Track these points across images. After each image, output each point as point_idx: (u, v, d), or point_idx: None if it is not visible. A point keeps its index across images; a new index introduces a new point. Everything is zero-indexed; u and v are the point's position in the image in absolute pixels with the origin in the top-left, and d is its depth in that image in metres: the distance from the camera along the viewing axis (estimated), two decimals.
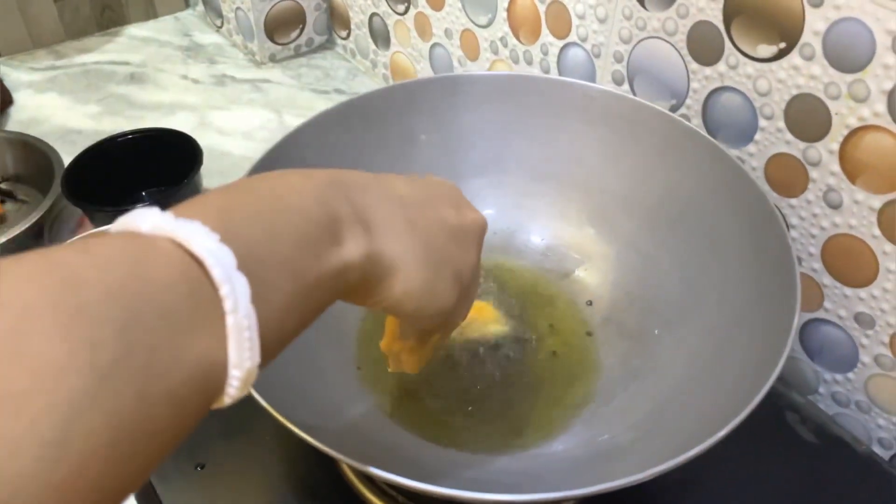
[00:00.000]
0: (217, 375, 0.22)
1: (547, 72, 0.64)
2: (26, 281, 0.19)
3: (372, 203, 0.30)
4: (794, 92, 0.46)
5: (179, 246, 0.22)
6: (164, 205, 0.67)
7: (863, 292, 0.47)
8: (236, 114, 0.84)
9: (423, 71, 0.80)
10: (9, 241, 0.61)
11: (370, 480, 0.44)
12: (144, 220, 0.23)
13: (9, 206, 0.70)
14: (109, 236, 0.22)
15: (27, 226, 0.61)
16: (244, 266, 0.23)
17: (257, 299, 0.23)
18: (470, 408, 0.46)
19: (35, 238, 0.66)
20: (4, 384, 0.17)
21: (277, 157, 0.48)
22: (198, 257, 0.22)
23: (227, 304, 0.22)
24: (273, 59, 0.93)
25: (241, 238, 0.23)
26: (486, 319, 0.50)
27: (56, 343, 0.18)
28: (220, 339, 0.22)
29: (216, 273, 0.22)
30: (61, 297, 0.19)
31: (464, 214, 0.35)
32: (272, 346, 0.25)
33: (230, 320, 0.22)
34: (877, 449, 0.50)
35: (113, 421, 0.19)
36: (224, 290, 0.22)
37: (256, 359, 0.23)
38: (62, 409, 0.17)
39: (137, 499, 0.45)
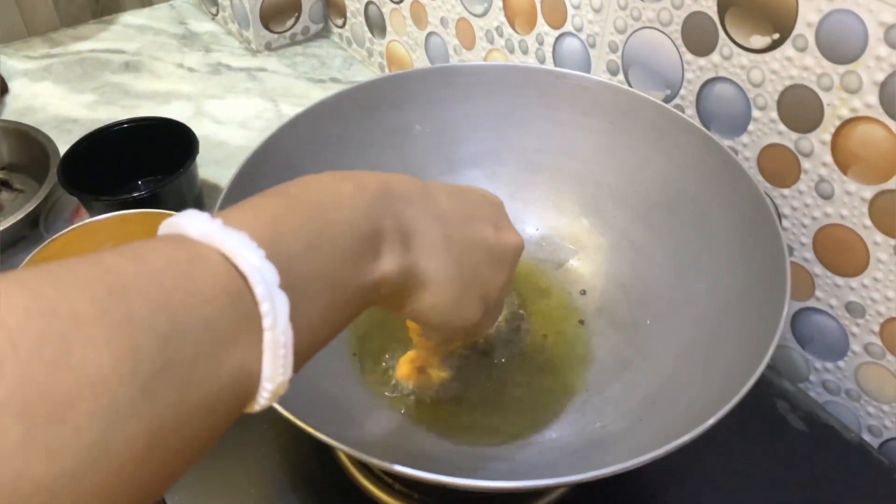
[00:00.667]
0: (250, 386, 0.23)
1: (542, 61, 0.64)
2: (77, 289, 0.19)
3: (415, 217, 0.31)
4: (788, 83, 0.46)
5: (225, 258, 0.22)
6: (161, 193, 0.67)
7: (854, 282, 0.48)
8: (232, 103, 0.84)
9: (419, 60, 0.80)
10: (5, 230, 0.61)
11: (365, 467, 0.45)
12: (193, 225, 0.23)
13: (4, 196, 0.70)
14: (159, 242, 0.23)
15: (23, 215, 0.62)
16: (286, 282, 0.23)
17: (295, 314, 0.23)
18: (463, 396, 0.46)
19: (31, 227, 0.66)
20: (52, 390, 0.17)
21: (273, 147, 0.48)
22: (242, 272, 0.22)
23: (267, 322, 0.22)
24: (269, 47, 0.93)
25: (285, 253, 0.24)
26: None
27: (102, 352, 0.18)
28: (257, 353, 0.23)
29: (259, 290, 0.22)
30: (109, 306, 0.19)
31: (501, 236, 0.36)
32: (304, 356, 0.25)
33: (268, 336, 0.22)
34: (866, 437, 0.51)
35: (151, 429, 0.19)
36: (265, 308, 0.22)
37: (289, 373, 0.24)
38: (104, 417, 0.18)
39: None
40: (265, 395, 0.23)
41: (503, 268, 0.36)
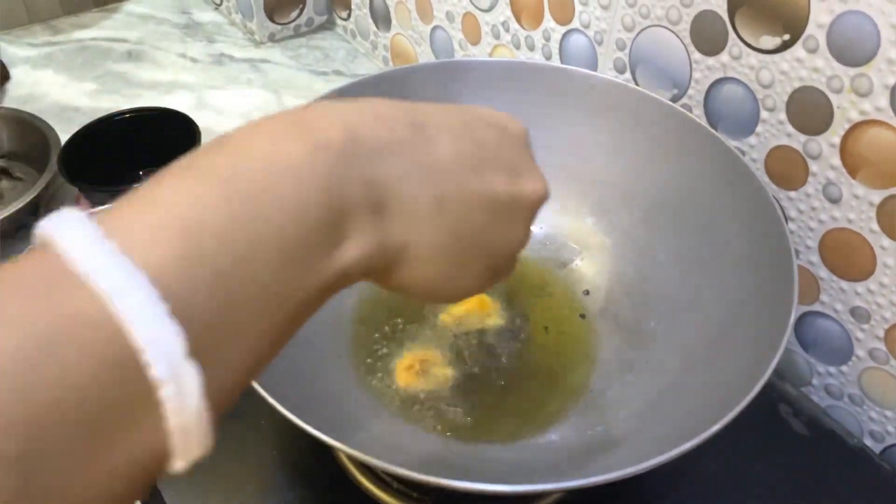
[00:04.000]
0: (157, 461, 0.18)
1: (548, 58, 0.63)
2: None
3: (394, 175, 0.24)
4: (797, 84, 0.45)
5: (109, 315, 0.16)
6: None
7: (859, 286, 0.47)
8: (234, 94, 0.83)
9: (424, 54, 0.79)
10: (4, 218, 0.60)
11: (364, 466, 0.44)
12: (74, 242, 0.17)
13: (4, 184, 0.70)
14: (22, 284, 0.17)
15: (23, 204, 0.61)
16: (198, 340, 0.17)
17: (213, 378, 0.18)
18: (465, 397, 0.46)
19: (31, 216, 0.65)
20: None
21: None
22: (133, 345, 0.17)
23: (170, 406, 0.17)
24: (272, 38, 0.92)
25: (199, 285, 0.18)
26: (483, 310, 0.50)
27: None
28: (160, 435, 0.18)
29: (157, 371, 0.17)
30: None
31: (518, 185, 0.28)
32: (232, 400, 0.20)
33: (174, 421, 0.17)
34: (868, 442, 0.51)
35: None
36: (167, 391, 0.17)
37: (208, 444, 0.19)
38: None
39: None
40: (179, 466, 0.19)
41: (517, 223, 0.29)
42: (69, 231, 0.17)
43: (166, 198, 0.19)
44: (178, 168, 0.21)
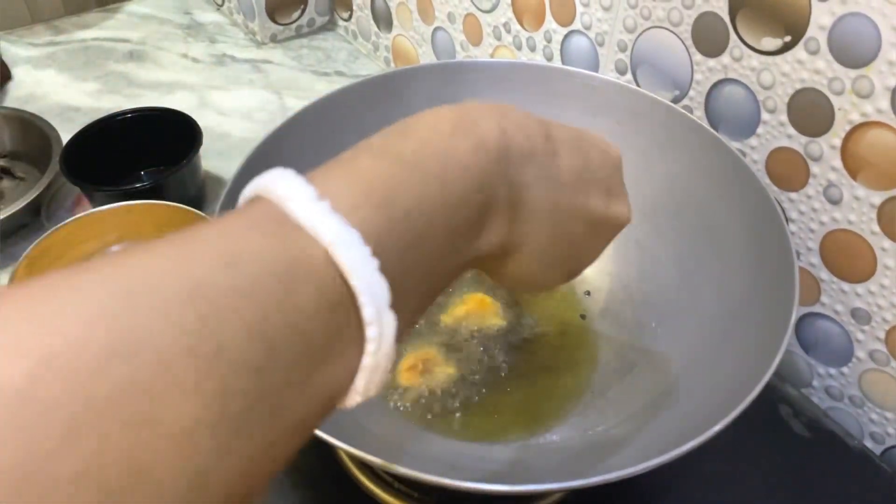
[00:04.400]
0: (339, 398, 0.21)
1: (550, 59, 0.63)
2: (163, 318, 0.16)
3: (529, 182, 0.27)
4: (798, 86, 0.45)
5: (331, 261, 0.19)
6: (163, 185, 0.66)
7: (860, 288, 0.47)
8: (236, 94, 0.84)
9: (425, 55, 0.79)
10: (5, 218, 0.60)
11: (365, 466, 0.44)
12: (295, 202, 0.20)
13: (6, 184, 0.70)
14: (254, 230, 0.19)
15: (24, 203, 0.61)
16: (394, 293, 0.20)
17: (401, 314, 0.21)
18: (465, 397, 0.46)
19: (32, 216, 0.65)
20: (132, 453, 0.15)
21: (278, 141, 0.48)
22: (351, 287, 0.19)
23: (370, 346, 0.20)
24: (274, 39, 0.92)
25: (395, 249, 0.21)
26: (485, 311, 0.50)
27: (188, 400, 0.16)
28: (351, 371, 0.20)
29: (367, 313, 0.20)
30: (199, 340, 0.16)
31: (610, 207, 0.31)
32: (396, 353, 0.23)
33: (367, 360, 0.20)
34: (868, 443, 0.51)
35: (236, 473, 0.17)
36: (370, 332, 0.20)
37: (381, 389, 0.22)
38: (186, 477, 0.16)
39: None
40: (351, 405, 0.22)
41: (601, 239, 0.33)
42: (288, 188, 0.20)
43: (365, 172, 0.22)
44: (371, 148, 0.24)
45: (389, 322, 0.20)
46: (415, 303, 0.23)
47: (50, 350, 0.15)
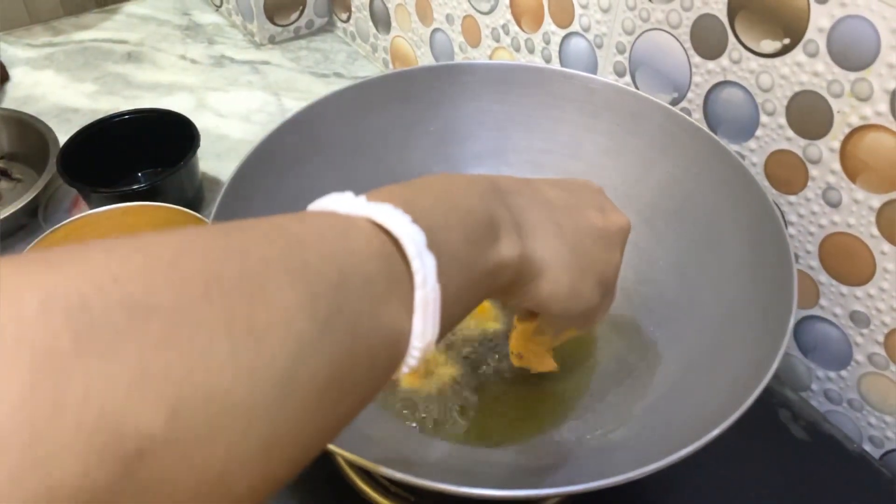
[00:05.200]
0: (401, 344, 0.24)
1: (548, 61, 0.63)
2: (261, 237, 0.21)
3: (524, 207, 0.32)
4: (797, 89, 0.45)
5: (375, 224, 0.24)
6: (160, 186, 0.67)
7: (859, 291, 0.47)
8: (234, 96, 0.83)
9: (424, 56, 0.79)
10: (3, 219, 0.60)
11: (363, 471, 0.44)
12: (340, 203, 0.25)
13: (3, 185, 0.70)
14: (311, 214, 0.24)
15: (21, 205, 0.61)
16: (431, 244, 0.24)
17: (440, 277, 0.25)
18: (463, 402, 0.46)
19: (29, 217, 0.65)
20: (252, 319, 0.19)
21: (276, 143, 0.47)
22: (393, 235, 0.24)
23: (418, 279, 0.24)
24: (272, 40, 0.92)
25: (425, 224, 0.25)
26: (484, 316, 0.50)
27: (287, 291, 0.20)
28: (408, 311, 0.24)
29: (410, 249, 0.24)
30: (288, 254, 0.21)
31: (608, 218, 0.36)
32: (442, 330, 0.26)
33: (418, 294, 0.24)
34: (867, 447, 0.51)
35: (329, 365, 0.20)
36: (416, 265, 0.24)
37: (436, 333, 0.25)
38: (293, 348, 0.19)
39: None
40: (414, 355, 0.24)
41: (614, 248, 0.36)
42: (329, 199, 0.26)
43: (390, 189, 0.27)
44: (399, 183, 0.29)
45: (430, 260, 0.24)
46: (453, 288, 0.26)
47: (191, 240, 0.20)
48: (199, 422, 0.17)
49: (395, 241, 0.24)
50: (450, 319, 0.26)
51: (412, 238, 0.24)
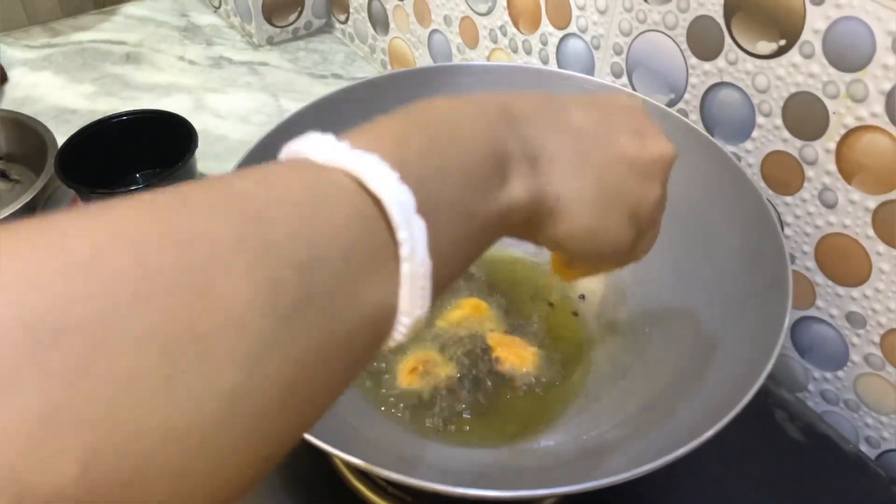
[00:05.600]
0: (387, 320, 0.21)
1: (546, 62, 0.63)
2: (212, 214, 0.18)
3: (540, 135, 0.28)
4: (793, 90, 0.45)
5: (357, 181, 0.21)
6: (160, 186, 0.67)
7: (855, 292, 0.47)
8: (232, 97, 0.83)
9: (422, 57, 0.79)
10: (1, 220, 0.60)
11: (360, 472, 0.44)
12: (318, 148, 0.21)
13: (1, 186, 0.70)
14: (283, 167, 0.21)
15: (19, 206, 0.61)
16: (421, 207, 0.21)
17: (432, 242, 0.21)
18: (458, 403, 0.46)
19: (28, 217, 0.65)
20: (193, 324, 0.16)
21: (273, 143, 0.47)
22: (377, 196, 0.20)
23: (404, 250, 0.21)
24: (271, 41, 0.92)
25: (416, 176, 0.22)
26: (481, 316, 0.50)
27: (241, 283, 0.17)
28: (393, 284, 0.21)
29: (395, 215, 0.20)
30: (246, 233, 0.18)
31: (646, 145, 0.31)
32: (437, 290, 0.23)
33: (405, 267, 0.21)
34: (864, 448, 0.51)
35: (291, 367, 0.18)
36: (402, 235, 0.20)
37: (427, 307, 0.22)
38: (245, 355, 0.17)
39: None
40: (401, 331, 0.21)
41: (652, 180, 0.31)
42: (308, 141, 0.22)
43: (374, 127, 0.24)
44: (394, 114, 0.25)
45: (419, 227, 0.21)
46: (450, 240, 0.23)
47: (115, 229, 0.16)
48: (125, 465, 0.14)
49: (380, 203, 0.21)
50: (446, 280, 0.24)
51: (399, 201, 0.20)
